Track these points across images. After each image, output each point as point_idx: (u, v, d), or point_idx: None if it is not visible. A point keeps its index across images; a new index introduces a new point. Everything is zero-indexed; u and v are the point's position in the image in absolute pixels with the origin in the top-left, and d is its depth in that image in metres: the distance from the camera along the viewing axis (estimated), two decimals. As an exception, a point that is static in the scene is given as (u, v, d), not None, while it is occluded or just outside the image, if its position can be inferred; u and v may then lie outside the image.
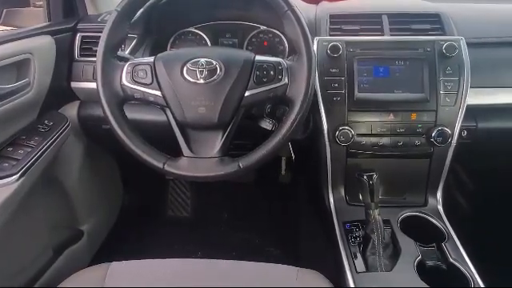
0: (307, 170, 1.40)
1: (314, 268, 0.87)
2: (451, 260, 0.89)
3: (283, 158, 1.19)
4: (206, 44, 1.23)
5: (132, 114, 0.95)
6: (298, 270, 0.85)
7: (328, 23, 1.09)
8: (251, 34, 1.22)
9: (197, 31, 1.23)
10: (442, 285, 0.83)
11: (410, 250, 0.91)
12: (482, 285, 0.83)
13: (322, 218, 1.14)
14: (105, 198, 1.47)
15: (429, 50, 1.02)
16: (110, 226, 1.51)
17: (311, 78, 0.81)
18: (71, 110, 1.18)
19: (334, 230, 1.01)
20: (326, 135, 1.03)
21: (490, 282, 0.85)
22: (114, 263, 0.86)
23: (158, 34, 1.19)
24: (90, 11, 1.27)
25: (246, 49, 1.22)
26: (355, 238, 0.97)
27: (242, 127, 0.90)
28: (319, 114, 1.03)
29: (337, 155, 1.06)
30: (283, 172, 1.24)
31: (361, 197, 0.95)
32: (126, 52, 1.12)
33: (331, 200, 1.09)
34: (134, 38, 1.13)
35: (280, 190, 1.78)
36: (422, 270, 0.87)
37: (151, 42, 1.16)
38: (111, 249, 1.43)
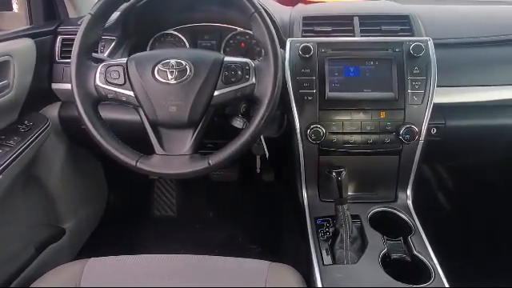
0: (284, 168, 1.44)
1: (292, 263, 0.90)
2: (415, 252, 0.93)
3: (258, 157, 1.22)
4: (185, 46, 1.26)
5: (107, 113, 0.99)
6: (270, 264, 0.87)
7: (301, 25, 1.13)
8: (228, 36, 1.25)
9: (175, 33, 1.26)
10: (405, 275, 0.86)
11: (377, 244, 0.94)
12: (442, 275, 0.86)
13: (298, 214, 1.17)
14: (88, 198, 1.49)
15: (397, 50, 1.05)
16: (93, 224, 1.54)
17: (277, 78, 0.85)
18: (52, 111, 1.21)
19: (306, 225, 1.04)
20: (298, 133, 1.06)
21: (450, 272, 0.88)
22: (92, 259, 0.88)
23: (136, 36, 1.22)
24: (71, 14, 1.29)
25: (224, 50, 1.25)
26: (325, 232, 1.00)
27: (216, 127, 0.93)
28: (292, 112, 1.06)
29: (309, 153, 1.09)
30: (258, 170, 1.27)
31: None
32: (105, 54, 1.15)
33: (305, 196, 1.12)
34: (113, 40, 1.16)
35: (263, 188, 1.82)
36: (386, 262, 0.91)
37: (130, 44, 1.19)
38: (94, 247, 1.46)
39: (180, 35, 1.26)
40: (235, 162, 1.78)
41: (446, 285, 0.84)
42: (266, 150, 1.09)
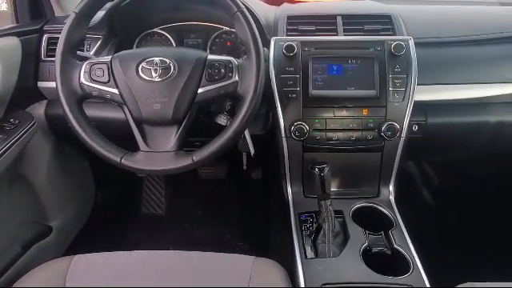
0: (271, 165, 1.46)
1: (278, 258, 0.91)
2: (395, 246, 0.95)
3: (244, 154, 1.23)
4: (171, 44, 1.27)
5: (93, 111, 1.00)
6: (255, 259, 0.89)
7: (285, 24, 1.15)
8: (214, 35, 1.26)
9: (161, 32, 1.27)
10: (385, 268, 0.88)
11: (359, 238, 0.96)
12: (420, 267, 0.89)
13: (283, 211, 1.19)
14: (75, 196, 1.50)
15: (379, 49, 1.07)
16: (81, 223, 1.54)
17: (260, 76, 0.86)
18: (39, 109, 1.21)
19: (290, 220, 1.06)
20: (282, 130, 1.08)
21: (429, 264, 0.91)
22: (78, 256, 0.89)
23: (122, 35, 1.22)
24: (58, 13, 1.30)
25: (210, 49, 1.27)
26: (308, 227, 1.02)
27: (202, 124, 0.94)
28: (276, 110, 1.08)
29: (293, 150, 1.11)
30: (244, 167, 1.28)
31: None
32: (91, 52, 1.16)
33: (289, 192, 1.14)
34: (99, 38, 1.17)
35: (251, 186, 1.83)
36: (367, 255, 0.93)
37: (116, 42, 1.20)
38: (82, 245, 1.46)
39: (166, 34, 1.27)
40: (223, 159, 1.81)
41: (424, 276, 0.86)
42: (251, 147, 1.10)
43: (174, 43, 1.27)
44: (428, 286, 0.84)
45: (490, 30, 1.18)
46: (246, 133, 1.08)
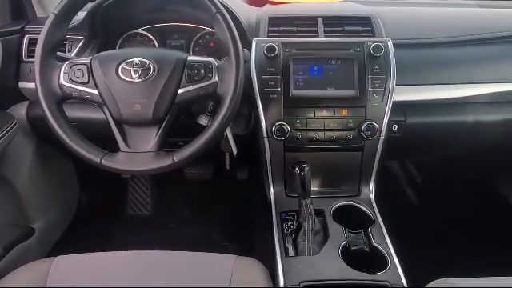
0: (256, 166, 1.47)
1: (261, 257, 0.92)
2: (374, 243, 0.97)
3: (227, 154, 1.24)
4: (154, 45, 1.27)
5: (74, 112, 1.01)
6: (236, 257, 0.89)
7: (267, 25, 1.16)
8: (197, 36, 1.27)
9: (144, 33, 1.27)
10: (363, 265, 0.90)
11: (338, 236, 0.98)
12: (397, 263, 0.90)
13: (266, 210, 1.20)
14: (59, 197, 1.49)
15: (359, 50, 1.09)
16: (65, 224, 1.53)
17: (239, 77, 0.87)
18: (20, 110, 1.21)
19: (272, 219, 1.07)
20: (264, 131, 1.09)
21: (407, 261, 0.93)
22: (59, 257, 0.88)
23: (104, 36, 1.22)
24: (39, 14, 1.29)
25: (193, 50, 1.27)
26: (289, 226, 1.04)
27: (184, 125, 0.95)
28: (257, 110, 1.09)
29: (275, 149, 1.12)
30: (227, 167, 1.29)
31: None
32: (73, 53, 1.16)
33: (271, 192, 1.16)
34: (81, 39, 1.17)
35: (237, 186, 1.84)
36: (346, 253, 0.94)
37: (98, 43, 1.20)
38: (66, 247, 1.44)
39: (149, 35, 1.27)
40: (209, 160, 1.81)
41: (401, 272, 0.88)
42: (233, 147, 1.11)
43: (156, 44, 1.27)
44: (404, 281, 0.86)
45: (467, 31, 1.20)
46: (229, 133, 1.09)
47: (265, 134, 1.10)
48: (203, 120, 0.98)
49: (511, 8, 1.44)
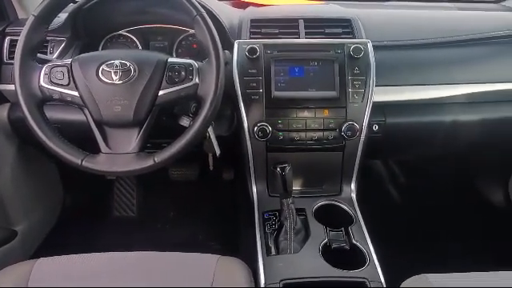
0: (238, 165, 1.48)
1: (246, 256, 0.93)
2: (354, 241, 0.99)
3: (210, 155, 1.25)
4: (137, 47, 1.27)
5: (55, 114, 1.01)
6: (219, 257, 0.90)
7: (249, 27, 1.17)
8: (180, 38, 1.27)
9: (127, 34, 1.27)
10: (343, 263, 0.91)
11: (319, 234, 1.00)
12: (376, 260, 0.92)
13: (250, 210, 1.22)
14: (42, 199, 1.48)
15: (339, 51, 1.11)
16: (49, 226, 1.52)
17: (220, 78, 0.89)
18: (1, 112, 1.20)
19: (254, 219, 1.08)
20: (246, 131, 1.10)
21: (386, 258, 0.95)
22: (41, 259, 0.88)
23: (87, 38, 1.22)
24: (21, 15, 1.28)
25: (176, 51, 1.28)
26: (271, 225, 1.05)
27: (167, 126, 0.96)
28: (240, 111, 1.10)
29: (257, 150, 1.13)
30: (211, 167, 1.30)
31: None
32: (55, 55, 1.16)
33: (254, 192, 1.17)
34: (63, 41, 1.17)
35: (223, 187, 1.85)
36: (327, 251, 0.96)
37: (80, 45, 1.20)
38: (49, 249, 1.43)
39: (132, 36, 1.27)
40: (194, 161, 1.82)
41: (379, 269, 0.90)
42: (216, 148, 1.12)
43: (140, 46, 1.27)
44: (382, 278, 0.88)
45: (446, 33, 1.23)
46: (211, 134, 1.10)
47: (247, 135, 1.11)
48: (185, 121, 0.99)
49: (489, 11, 1.48)
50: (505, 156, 1.52)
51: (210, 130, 1.06)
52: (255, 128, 1.08)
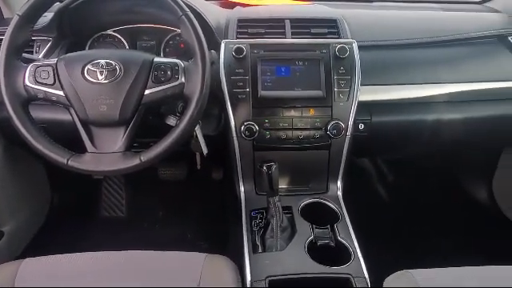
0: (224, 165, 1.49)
1: (233, 255, 0.94)
2: (339, 238, 1.00)
3: (197, 154, 1.26)
4: (124, 47, 1.27)
5: (41, 114, 1.01)
6: (206, 256, 0.91)
7: (235, 27, 1.18)
8: (168, 37, 1.27)
9: (115, 34, 1.27)
10: (328, 259, 0.93)
11: (305, 232, 1.01)
12: (360, 256, 0.94)
13: (236, 208, 1.22)
14: (29, 199, 1.47)
15: (325, 51, 1.12)
16: (36, 227, 1.51)
17: (205, 78, 0.89)
18: None
19: (241, 217, 1.09)
20: (233, 130, 1.11)
21: (370, 254, 0.96)
22: (28, 259, 0.88)
23: (73, 37, 1.22)
24: (7, 15, 1.28)
25: (164, 51, 1.28)
26: (258, 223, 1.06)
27: (154, 126, 0.96)
28: (227, 111, 1.10)
29: (244, 149, 1.14)
30: (198, 167, 1.31)
31: None
32: (41, 54, 1.15)
33: (241, 190, 1.18)
34: (49, 40, 1.16)
35: (212, 186, 1.85)
36: (313, 248, 0.97)
37: (67, 44, 1.19)
38: (37, 249, 1.43)
39: (119, 36, 1.27)
40: (183, 161, 1.82)
41: (363, 265, 0.92)
42: (203, 147, 1.12)
43: (127, 45, 1.27)
44: (366, 274, 0.90)
45: (431, 33, 1.25)
46: (199, 133, 1.10)
47: (234, 134, 1.12)
48: (171, 120, 1.00)
49: (473, 11, 1.50)
50: (489, 155, 1.55)
51: (198, 129, 1.07)
52: (242, 127, 1.09)
